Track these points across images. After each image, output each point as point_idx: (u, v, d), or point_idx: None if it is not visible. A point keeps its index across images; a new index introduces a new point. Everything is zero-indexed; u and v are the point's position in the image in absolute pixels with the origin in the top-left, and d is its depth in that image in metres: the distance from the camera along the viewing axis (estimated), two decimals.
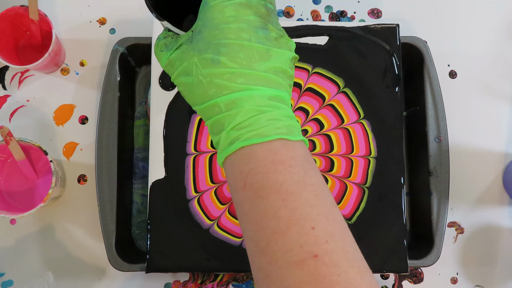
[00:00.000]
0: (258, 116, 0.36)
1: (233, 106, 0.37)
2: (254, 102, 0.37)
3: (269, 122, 0.36)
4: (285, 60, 0.39)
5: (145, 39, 0.62)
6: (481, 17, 0.69)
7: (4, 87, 0.66)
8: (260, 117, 0.36)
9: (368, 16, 0.68)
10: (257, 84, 0.37)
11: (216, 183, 0.57)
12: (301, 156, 0.36)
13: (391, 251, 0.57)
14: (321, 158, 0.58)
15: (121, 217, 0.60)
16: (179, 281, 0.63)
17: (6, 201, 0.61)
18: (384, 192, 0.58)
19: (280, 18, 0.68)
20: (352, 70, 0.59)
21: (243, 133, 0.36)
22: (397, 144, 0.58)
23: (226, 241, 0.56)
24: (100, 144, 0.60)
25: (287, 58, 0.39)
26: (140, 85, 0.66)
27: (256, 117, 0.36)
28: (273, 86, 0.38)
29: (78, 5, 0.68)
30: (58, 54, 0.64)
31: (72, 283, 0.63)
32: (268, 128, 0.36)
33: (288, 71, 0.39)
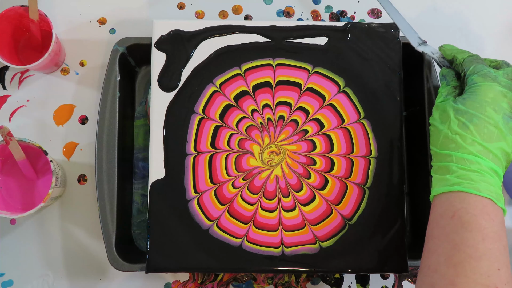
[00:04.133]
0: (483, 178, 0.47)
1: (465, 163, 0.48)
2: (479, 166, 0.48)
3: (485, 184, 0.47)
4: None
5: (145, 39, 0.62)
6: (481, 17, 0.69)
7: (4, 87, 0.66)
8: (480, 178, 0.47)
9: (368, 16, 0.68)
10: (485, 155, 0.48)
11: (216, 183, 0.57)
12: (500, 217, 0.47)
13: (391, 251, 0.57)
14: (321, 158, 0.58)
15: (121, 217, 0.60)
16: (179, 281, 0.63)
17: (6, 201, 0.61)
18: (384, 192, 0.58)
19: (280, 18, 0.68)
20: (352, 70, 0.59)
21: (464, 183, 0.47)
22: (397, 144, 0.58)
23: (226, 241, 0.56)
24: (100, 144, 0.60)
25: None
26: (140, 85, 0.66)
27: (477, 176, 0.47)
28: (496, 162, 0.48)
29: (78, 5, 0.68)
30: (58, 54, 0.64)
31: (72, 283, 0.63)
32: (484, 187, 0.47)
33: (510, 155, 0.49)
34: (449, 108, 0.50)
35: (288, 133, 0.58)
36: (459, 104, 0.50)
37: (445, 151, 0.50)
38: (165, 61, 0.59)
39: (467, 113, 0.49)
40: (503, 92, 0.49)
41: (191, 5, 0.69)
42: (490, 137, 0.48)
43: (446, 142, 0.50)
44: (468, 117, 0.49)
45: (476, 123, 0.48)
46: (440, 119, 0.51)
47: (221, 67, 0.59)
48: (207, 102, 0.59)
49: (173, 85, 0.59)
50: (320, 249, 0.56)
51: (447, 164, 0.49)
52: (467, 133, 0.48)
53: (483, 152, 0.48)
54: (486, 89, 0.49)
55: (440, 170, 0.50)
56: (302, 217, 0.57)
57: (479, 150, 0.48)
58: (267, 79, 0.59)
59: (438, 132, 0.51)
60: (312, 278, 0.63)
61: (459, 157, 0.48)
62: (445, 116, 0.50)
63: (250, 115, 0.59)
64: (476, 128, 0.48)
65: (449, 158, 0.49)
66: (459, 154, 0.48)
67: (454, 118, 0.49)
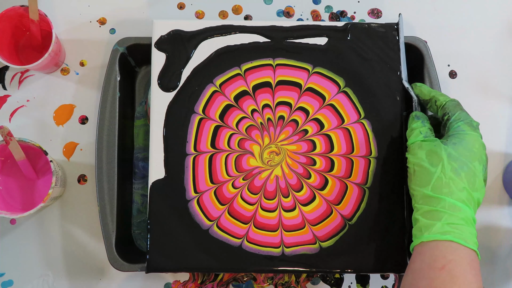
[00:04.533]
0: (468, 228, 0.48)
1: (455, 209, 0.48)
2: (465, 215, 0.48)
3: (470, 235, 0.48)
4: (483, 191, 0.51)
5: (145, 39, 0.62)
6: (481, 17, 0.69)
7: (4, 87, 0.66)
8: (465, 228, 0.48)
9: (368, 16, 0.68)
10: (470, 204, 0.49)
11: (216, 184, 0.57)
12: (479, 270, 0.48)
13: (391, 251, 0.57)
14: (321, 158, 0.58)
15: (121, 217, 0.60)
16: (179, 281, 0.63)
17: (6, 201, 0.61)
18: (384, 192, 0.58)
19: (280, 18, 0.68)
20: (352, 70, 0.59)
21: (455, 232, 0.47)
22: (397, 144, 0.58)
23: (226, 241, 0.56)
24: (100, 144, 0.60)
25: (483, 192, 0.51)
26: (140, 85, 0.66)
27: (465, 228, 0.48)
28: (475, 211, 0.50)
29: (78, 5, 0.68)
30: (58, 54, 0.64)
31: (72, 283, 0.63)
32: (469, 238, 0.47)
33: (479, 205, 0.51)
34: (440, 151, 0.50)
35: (288, 133, 0.58)
36: (451, 149, 0.50)
37: (438, 195, 0.49)
38: (165, 61, 0.59)
39: (459, 160, 0.49)
40: (483, 144, 0.51)
41: (191, 5, 0.69)
42: (474, 186, 0.49)
43: (440, 185, 0.49)
44: (460, 164, 0.49)
45: (466, 171, 0.49)
46: (428, 160, 0.50)
47: (221, 67, 0.59)
48: (207, 102, 0.59)
49: (173, 85, 0.59)
50: (320, 249, 0.56)
51: (438, 210, 0.49)
52: (459, 180, 0.49)
53: (469, 200, 0.49)
54: (473, 139, 0.51)
55: (429, 214, 0.49)
56: (302, 217, 0.57)
57: (467, 198, 0.49)
58: (267, 79, 0.59)
59: (428, 174, 0.50)
60: (312, 278, 0.63)
61: (451, 204, 0.48)
62: (436, 159, 0.50)
63: (250, 115, 0.59)
64: (466, 176, 0.49)
65: (441, 204, 0.49)
66: (451, 200, 0.48)
67: (447, 163, 0.49)
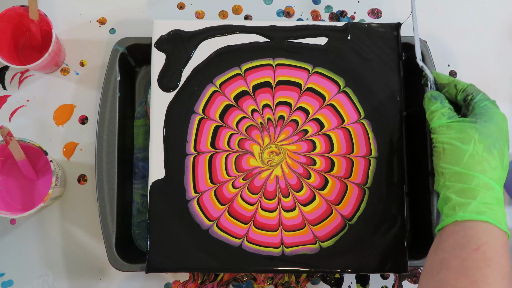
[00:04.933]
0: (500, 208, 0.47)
1: (488, 188, 0.47)
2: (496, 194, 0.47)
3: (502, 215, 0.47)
4: None
5: (145, 39, 0.62)
6: (481, 17, 0.69)
7: (4, 87, 0.66)
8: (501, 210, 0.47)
9: (368, 16, 0.68)
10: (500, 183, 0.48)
11: (216, 184, 0.57)
12: None
13: (391, 251, 0.56)
14: (321, 158, 0.58)
15: (121, 217, 0.60)
16: (179, 281, 0.63)
17: (6, 201, 0.61)
18: (384, 192, 0.58)
19: (280, 18, 0.68)
20: (352, 70, 0.59)
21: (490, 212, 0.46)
22: (397, 144, 0.58)
23: (226, 241, 0.56)
24: (100, 144, 0.60)
25: None
26: (140, 85, 0.66)
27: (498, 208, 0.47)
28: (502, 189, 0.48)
29: (78, 5, 0.68)
30: (58, 54, 0.64)
31: (72, 283, 0.63)
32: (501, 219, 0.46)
33: None
34: (471, 130, 0.49)
35: (288, 133, 0.58)
36: (482, 127, 0.49)
37: (471, 172, 0.48)
38: (165, 61, 0.59)
39: (491, 138, 0.48)
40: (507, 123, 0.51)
41: (191, 5, 0.69)
42: (504, 165, 0.49)
43: (473, 163, 0.48)
44: (492, 141, 0.48)
45: (498, 149, 0.48)
46: (459, 139, 0.49)
47: (221, 67, 0.59)
48: (207, 102, 0.59)
49: (173, 85, 0.59)
50: (320, 249, 0.56)
51: (473, 188, 0.48)
52: (492, 157, 0.48)
53: (500, 179, 0.48)
54: (502, 118, 0.50)
55: (463, 192, 0.48)
56: (302, 217, 0.57)
57: (499, 177, 0.48)
58: (267, 79, 0.59)
59: (460, 152, 0.49)
60: (312, 278, 0.63)
61: (486, 182, 0.47)
62: (467, 137, 0.49)
63: (250, 115, 0.59)
64: (499, 154, 0.48)
65: (475, 181, 0.48)
66: (485, 178, 0.47)
67: (479, 141, 0.48)
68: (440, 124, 0.52)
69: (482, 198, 0.47)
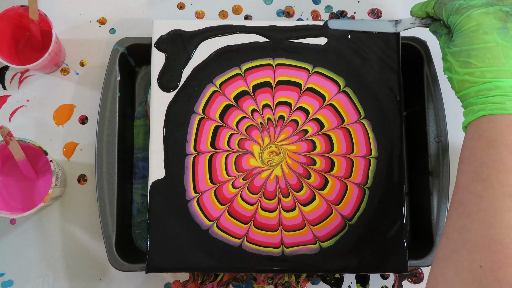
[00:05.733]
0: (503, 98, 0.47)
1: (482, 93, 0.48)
2: (500, 90, 0.48)
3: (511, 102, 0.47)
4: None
5: (145, 39, 0.62)
6: None
7: (4, 87, 0.66)
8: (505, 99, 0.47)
9: (368, 16, 0.68)
10: (503, 76, 0.48)
11: (216, 184, 0.57)
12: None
13: (391, 251, 0.57)
14: (321, 158, 0.58)
15: (121, 217, 0.60)
16: (179, 281, 0.63)
17: (6, 201, 0.61)
18: (384, 192, 0.58)
19: (280, 18, 0.68)
20: (352, 70, 0.59)
21: (487, 107, 0.47)
22: (397, 144, 0.58)
23: (226, 241, 0.56)
24: (100, 144, 0.60)
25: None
26: (140, 85, 0.66)
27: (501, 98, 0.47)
28: None
29: (78, 5, 0.68)
30: (58, 54, 0.64)
31: (72, 283, 0.63)
32: (510, 105, 0.47)
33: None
34: (447, 56, 0.52)
35: (288, 133, 0.58)
36: (452, 47, 0.51)
37: (463, 91, 0.50)
38: (165, 61, 0.59)
39: (462, 51, 0.50)
40: (483, 12, 0.50)
41: (191, 5, 0.69)
42: (497, 58, 0.48)
43: (460, 85, 0.51)
44: (465, 54, 0.50)
45: (475, 55, 0.49)
46: (447, 69, 0.52)
47: (221, 67, 0.59)
48: (207, 102, 0.59)
49: (173, 85, 0.59)
50: (320, 249, 0.56)
51: (469, 100, 0.50)
52: (473, 68, 0.49)
53: (498, 74, 0.48)
54: (466, 21, 0.50)
55: (466, 107, 0.51)
56: (302, 217, 0.57)
57: (493, 76, 0.48)
58: (267, 79, 0.59)
59: (451, 80, 0.52)
60: (312, 278, 0.63)
61: (476, 91, 0.49)
62: (448, 64, 0.52)
63: (250, 115, 0.59)
64: (478, 59, 0.49)
65: (468, 96, 0.50)
66: (475, 88, 0.49)
67: (454, 62, 0.51)
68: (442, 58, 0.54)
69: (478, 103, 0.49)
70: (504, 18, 0.49)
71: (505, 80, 0.48)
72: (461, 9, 0.51)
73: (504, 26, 0.49)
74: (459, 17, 0.51)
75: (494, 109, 0.47)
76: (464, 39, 0.50)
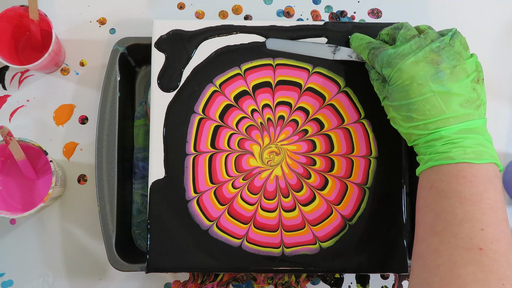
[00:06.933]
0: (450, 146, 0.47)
1: (429, 144, 0.48)
2: (445, 139, 0.47)
3: (459, 149, 0.46)
4: (465, 88, 0.47)
5: (145, 39, 0.62)
6: (481, 17, 0.69)
7: (4, 87, 0.66)
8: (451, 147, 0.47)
9: (368, 16, 0.68)
10: (446, 124, 0.47)
11: (216, 184, 0.57)
12: (484, 175, 0.46)
13: (391, 251, 0.56)
14: (321, 158, 0.58)
15: (121, 217, 0.60)
16: (179, 281, 0.63)
17: (6, 201, 0.61)
18: (384, 192, 0.58)
19: (280, 18, 0.68)
20: (352, 70, 0.59)
21: (435, 157, 0.47)
22: (397, 144, 0.58)
23: (226, 242, 0.56)
24: (100, 144, 0.60)
25: (466, 85, 0.47)
26: (140, 85, 0.66)
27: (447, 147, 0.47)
28: (463, 119, 0.47)
29: (78, 5, 0.68)
30: (58, 54, 0.64)
31: (72, 283, 0.63)
32: (457, 153, 0.46)
33: (472, 96, 0.47)
34: (388, 108, 0.52)
35: (288, 133, 0.58)
36: (391, 101, 0.51)
37: (412, 143, 0.51)
38: (165, 61, 0.59)
39: (402, 106, 0.49)
40: (412, 62, 0.48)
41: (191, 5, 0.69)
42: (437, 108, 0.47)
43: (408, 137, 0.51)
44: (405, 108, 0.49)
45: (415, 109, 0.48)
46: (391, 120, 0.53)
47: (221, 67, 0.59)
48: (207, 102, 0.59)
49: (173, 85, 0.59)
50: (320, 249, 0.56)
51: (418, 150, 0.50)
52: (415, 121, 0.49)
53: (441, 123, 0.47)
54: (399, 75, 0.49)
55: (418, 154, 0.51)
56: (302, 217, 0.57)
57: (436, 126, 0.48)
58: (267, 79, 0.59)
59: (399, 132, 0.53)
60: (312, 278, 0.63)
61: (423, 143, 0.49)
62: (391, 116, 0.52)
63: (250, 115, 0.59)
64: (419, 113, 0.48)
65: (418, 146, 0.50)
66: (423, 140, 0.49)
67: (397, 115, 0.50)
68: None
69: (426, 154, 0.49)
70: (436, 59, 0.48)
71: (449, 128, 0.47)
72: (391, 61, 0.49)
73: (437, 70, 0.47)
74: (391, 70, 0.49)
75: (441, 159, 0.47)
76: (400, 93, 0.49)
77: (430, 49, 0.48)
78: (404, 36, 0.50)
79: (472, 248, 0.43)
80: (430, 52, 0.48)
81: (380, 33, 0.55)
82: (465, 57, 0.49)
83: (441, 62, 0.47)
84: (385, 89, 0.52)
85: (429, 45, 0.48)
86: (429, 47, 0.48)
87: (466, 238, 0.43)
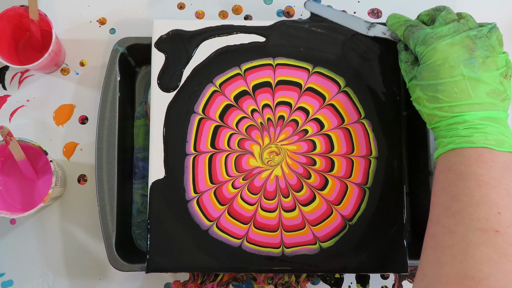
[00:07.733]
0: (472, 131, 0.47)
1: (451, 127, 0.49)
2: (468, 123, 0.48)
3: (480, 135, 0.47)
4: (494, 79, 0.48)
5: (145, 39, 0.62)
6: (481, 17, 0.68)
7: (4, 87, 0.66)
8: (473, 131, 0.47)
9: (368, 16, 0.68)
10: (471, 110, 0.48)
11: (216, 184, 0.57)
12: (503, 162, 0.46)
13: (391, 251, 0.56)
14: (321, 158, 0.58)
15: (121, 217, 0.60)
16: (179, 281, 0.63)
17: (6, 201, 0.61)
18: (384, 192, 0.58)
19: (280, 18, 0.68)
20: (352, 70, 0.59)
21: (456, 140, 0.48)
22: (397, 144, 0.58)
23: (226, 242, 0.56)
24: (100, 144, 0.60)
25: (495, 77, 0.48)
26: (140, 85, 0.66)
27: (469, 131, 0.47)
28: (487, 108, 0.48)
29: (78, 5, 0.68)
30: (58, 54, 0.64)
31: (72, 283, 0.63)
32: (478, 138, 0.47)
33: (499, 88, 0.48)
34: (414, 88, 0.52)
35: (288, 133, 0.58)
36: (419, 80, 0.51)
37: (433, 125, 0.51)
38: (165, 61, 0.59)
39: (429, 85, 0.50)
40: (448, 44, 0.49)
41: (191, 5, 0.69)
42: (464, 92, 0.48)
43: (430, 118, 0.51)
44: (432, 88, 0.49)
45: (443, 90, 0.49)
46: (415, 100, 0.52)
47: (221, 67, 0.59)
48: (207, 102, 0.59)
49: (173, 85, 0.59)
50: (320, 249, 0.56)
51: (440, 133, 0.50)
52: (441, 103, 0.49)
53: (466, 108, 0.48)
54: (432, 54, 0.49)
55: (437, 138, 0.51)
56: (302, 217, 0.57)
57: (461, 110, 0.48)
58: (267, 79, 0.59)
59: (421, 113, 0.52)
60: (312, 278, 0.63)
61: (445, 125, 0.49)
62: (416, 96, 0.52)
63: (250, 115, 0.59)
64: (446, 94, 0.48)
65: (439, 128, 0.50)
66: (445, 122, 0.49)
67: (423, 95, 0.51)
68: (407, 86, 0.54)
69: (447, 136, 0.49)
70: (471, 46, 0.49)
71: (473, 113, 0.48)
72: (427, 40, 0.50)
73: (471, 56, 0.48)
74: (425, 48, 0.50)
75: (462, 142, 0.47)
76: (430, 73, 0.49)
77: (467, 35, 0.49)
78: (444, 18, 0.51)
79: (488, 230, 0.43)
80: (467, 37, 0.49)
81: (420, 14, 0.55)
82: (498, 51, 0.49)
83: (476, 50, 0.48)
84: (414, 70, 0.52)
85: (467, 31, 0.49)
86: (467, 33, 0.49)
87: (482, 220, 0.43)
